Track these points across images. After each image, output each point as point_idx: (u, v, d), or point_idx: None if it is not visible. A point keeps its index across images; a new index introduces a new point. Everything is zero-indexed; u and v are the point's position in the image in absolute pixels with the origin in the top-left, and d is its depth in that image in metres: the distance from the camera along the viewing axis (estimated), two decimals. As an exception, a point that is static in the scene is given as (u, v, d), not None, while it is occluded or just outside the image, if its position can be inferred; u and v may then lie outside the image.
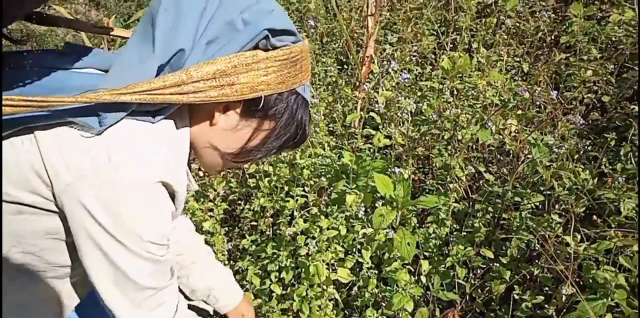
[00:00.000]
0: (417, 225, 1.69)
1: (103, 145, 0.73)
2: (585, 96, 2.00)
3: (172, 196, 0.82)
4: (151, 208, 0.77)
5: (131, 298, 0.83)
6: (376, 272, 1.59)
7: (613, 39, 2.33)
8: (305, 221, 1.72)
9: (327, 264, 1.63)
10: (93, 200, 0.73)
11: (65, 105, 0.70)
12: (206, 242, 1.62)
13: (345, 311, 1.68)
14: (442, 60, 2.00)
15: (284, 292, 1.72)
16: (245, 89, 0.79)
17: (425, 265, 1.55)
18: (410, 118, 1.88)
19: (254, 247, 1.86)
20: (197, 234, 1.34)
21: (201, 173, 2.00)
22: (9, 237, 0.80)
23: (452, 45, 2.77)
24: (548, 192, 1.55)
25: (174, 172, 0.79)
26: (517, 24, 2.71)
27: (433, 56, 2.74)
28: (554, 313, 1.38)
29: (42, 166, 0.73)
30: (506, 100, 1.68)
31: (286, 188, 1.99)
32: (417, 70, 2.48)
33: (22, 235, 0.80)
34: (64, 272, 0.90)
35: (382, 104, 2.10)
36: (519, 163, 1.58)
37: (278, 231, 1.85)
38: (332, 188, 1.90)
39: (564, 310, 1.39)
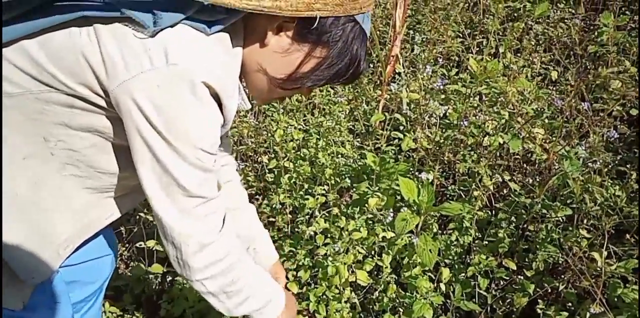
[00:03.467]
0: (439, 231, 1.67)
1: (161, 47, 0.74)
2: (615, 108, 1.97)
3: (220, 108, 0.82)
4: (202, 112, 0.78)
5: (180, 205, 0.83)
6: (395, 276, 1.58)
7: (645, 51, 2.29)
8: (325, 221, 1.70)
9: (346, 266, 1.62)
10: (146, 99, 0.74)
11: None
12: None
13: (361, 314, 1.67)
14: (470, 64, 1.97)
15: (300, 291, 1.70)
16: (300, 4, 0.78)
17: (445, 273, 1.53)
18: (437, 122, 1.85)
19: (271, 243, 1.84)
20: (244, 189, 1.32)
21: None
22: (58, 129, 0.81)
23: (477, 49, 2.74)
24: (576, 206, 1.53)
25: (225, 82, 0.79)
26: (546, 30, 2.68)
27: (458, 59, 2.71)
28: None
29: (99, 60, 0.74)
30: (539, 110, 1.66)
31: (306, 186, 1.97)
32: (441, 72, 2.46)
33: (72, 127, 0.81)
34: (107, 182, 0.90)
35: (408, 105, 2.07)
36: (549, 174, 1.56)
37: (296, 229, 1.84)
38: (354, 189, 1.87)
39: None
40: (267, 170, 2.08)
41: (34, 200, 0.85)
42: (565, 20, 2.75)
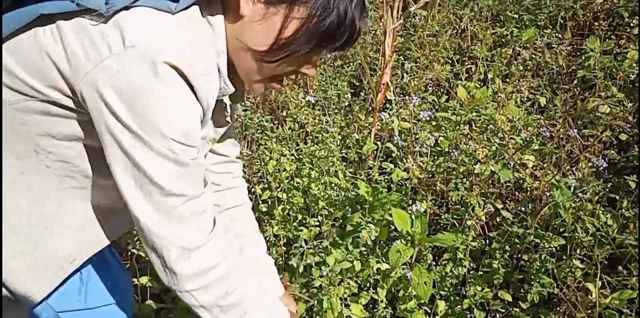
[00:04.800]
0: (433, 262, 1.67)
1: (117, 31, 0.71)
2: (604, 135, 1.99)
3: (194, 92, 0.76)
4: (167, 94, 0.73)
5: (158, 205, 0.78)
6: (390, 310, 1.57)
7: (631, 75, 2.33)
8: (315, 255, 1.68)
9: (340, 299, 1.60)
10: (108, 87, 0.70)
11: None
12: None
13: (357, 349, 1.65)
14: (459, 92, 1.99)
15: (294, 326, 1.68)
16: None
17: (441, 306, 1.52)
18: (429, 151, 1.86)
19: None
20: (250, 203, 1.23)
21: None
22: (44, 141, 0.79)
23: (467, 75, 2.77)
24: (568, 235, 1.53)
25: (194, 62, 0.74)
26: (533, 56, 2.72)
27: (448, 85, 2.74)
28: (573, 362, 1.36)
29: (63, 56, 0.72)
30: (527, 139, 1.67)
31: (300, 217, 1.96)
32: (431, 99, 2.48)
33: (55, 137, 0.78)
34: (107, 191, 0.86)
35: (399, 135, 2.08)
36: (541, 204, 1.56)
37: (289, 262, 1.82)
38: (347, 219, 1.87)
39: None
40: (260, 201, 2.08)
41: (36, 216, 0.84)
42: (552, 46, 2.80)
